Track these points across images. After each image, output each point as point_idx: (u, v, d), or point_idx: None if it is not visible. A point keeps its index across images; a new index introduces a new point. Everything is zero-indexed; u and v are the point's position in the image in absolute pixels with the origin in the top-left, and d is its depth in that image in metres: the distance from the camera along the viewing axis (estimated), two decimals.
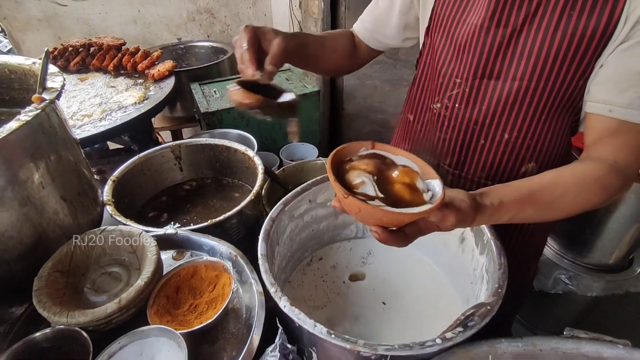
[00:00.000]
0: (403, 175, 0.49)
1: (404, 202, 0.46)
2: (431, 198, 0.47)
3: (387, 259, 0.85)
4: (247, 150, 0.98)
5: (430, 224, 0.48)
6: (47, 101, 0.60)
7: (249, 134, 1.31)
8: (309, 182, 0.77)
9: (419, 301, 0.76)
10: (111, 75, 1.56)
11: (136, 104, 1.31)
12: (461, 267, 0.74)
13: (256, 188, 0.85)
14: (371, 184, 0.47)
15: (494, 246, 0.62)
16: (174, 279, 0.61)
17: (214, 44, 2.09)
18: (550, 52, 0.61)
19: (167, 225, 0.89)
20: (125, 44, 1.62)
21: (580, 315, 1.69)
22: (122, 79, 1.53)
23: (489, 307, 0.52)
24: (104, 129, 1.14)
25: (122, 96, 1.36)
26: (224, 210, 0.80)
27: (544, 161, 0.75)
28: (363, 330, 0.72)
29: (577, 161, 0.63)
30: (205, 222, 0.76)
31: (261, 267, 0.59)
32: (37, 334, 0.51)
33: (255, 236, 0.65)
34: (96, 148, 1.37)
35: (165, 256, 0.70)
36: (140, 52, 1.56)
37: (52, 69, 0.70)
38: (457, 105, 0.75)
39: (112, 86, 1.44)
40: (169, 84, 1.47)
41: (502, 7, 0.63)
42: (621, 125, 0.60)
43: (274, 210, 0.70)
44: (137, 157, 0.96)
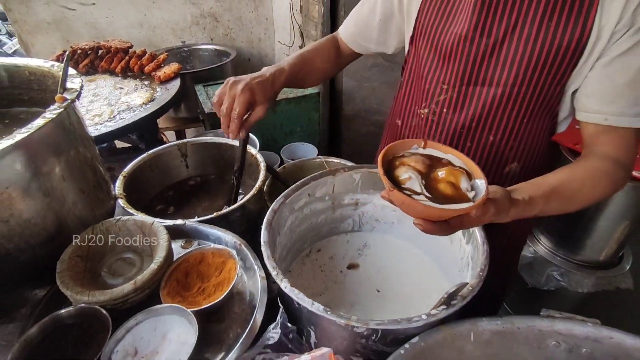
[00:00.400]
0: (448, 174, 0.52)
1: (447, 198, 0.50)
2: (474, 196, 0.51)
3: (382, 251, 0.90)
4: (250, 149, 1.03)
5: (472, 217, 0.52)
6: (69, 100, 0.65)
7: (251, 133, 1.36)
8: (308, 177, 0.82)
9: (411, 288, 0.81)
10: (119, 77, 1.61)
11: (144, 104, 1.36)
12: (450, 256, 0.79)
13: (258, 183, 0.90)
14: (417, 180, 0.51)
15: (478, 235, 0.67)
16: (184, 264, 0.67)
17: (217, 47, 2.16)
18: (530, 60, 0.66)
19: (173, 218, 0.94)
20: (132, 47, 1.68)
21: (572, 311, 1.72)
22: (130, 81, 1.58)
23: (470, 287, 0.57)
24: (113, 128, 1.19)
25: (130, 97, 1.42)
26: None
27: (526, 161, 0.81)
28: (358, 315, 0.75)
29: (583, 158, 0.69)
30: (211, 215, 0.81)
31: (264, 253, 0.64)
32: (62, 311, 0.56)
33: (257, 229, 0.69)
34: (104, 147, 1.43)
35: (175, 245, 0.75)
36: (147, 55, 1.62)
37: (71, 71, 0.76)
38: (444, 110, 0.79)
39: (120, 87, 1.50)
40: (175, 85, 1.53)
41: (485, 18, 0.67)
42: (616, 129, 0.66)
43: (275, 202, 0.75)
44: (145, 155, 1.01)
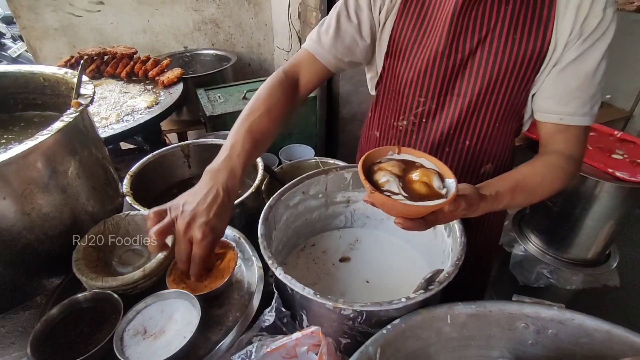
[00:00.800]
0: (422, 175, 0.58)
1: (422, 197, 0.55)
2: (446, 193, 0.57)
3: (372, 245, 0.96)
4: None
5: (445, 213, 0.57)
6: (83, 105, 0.71)
7: None
8: (303, 176, 0.88)
9: (398, 279, 0.87)
10: (123, 82, 1.68)
11: (148, 108, 1.43)
12: (434, 250, 0.85)
13: (256, 182, 0.97)
14: (395, 182, 0.56)
15: (457, 228, 0.74)
16: None
17: (218, 52, 2.23)
18: (500, 70, 0.73)
19: None
20: (137, 52, 1.75)
21: None
22: (134, 85, 1.65)
23: (446, 274, 0.63)
24: (120, 130, 1.26)
25: (135, 101, 1.48)
26: None
27: (498, 161, 0.87)
28: None
29: (541, 155, 0.77)
30: None
31: (260, 245, 0.70)
32: (79, 295, 0.62)
33: (255, 226, 0.74)
34: (110, 148, 1.49)
35: None
36: (150, 61, 1.69)
37: (84, 78, 0.82)
38: (424, 120, 0.84)
39: (125, 92, 1.57)
40: (178, 89, 1.60)
41: (458, 35, 0.73)
42: (569, 128, 0.74)
43: (272, 199, 0.81)
44: (150, 155, 1.08)
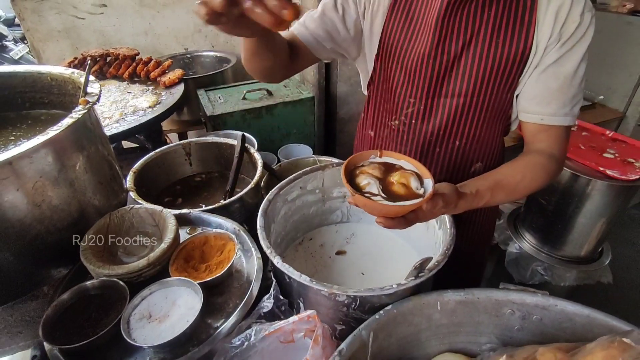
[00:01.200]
0: (400, 177, 0.61)
1: (401, 197, 0.59)
2: (424, 193, 0.60)
3: (367, 239, 1.00)
4: (249, 147, 1.13)
5: (424, 211, 0.59)
6: (91, 103, 0.75)
7: (250, 134, 1.46)
8: (300, 171, 0.92)
9: (392, 271, 0.91)
10: (126, 83, 1.72)
11: (150, 107, 1.46)
12: (426, 243, 0.88)
13: (256, 178, 1.00)
14: (375, 184, 0.60)
15: (447, 221, 0.77)
16: (189, 245, 0.76)
17: (218, 54, 2.26)
18: (485, 72, 0.76)
19: (180, 209, 1.04)
20: (139, 54, 1.79)
21: None
22: (136, 86, 1.69)
23: (436, 262, 0.67)
24: (123, 128, 1.29)
25: (137, 101, 1.52)
26: None
27: (487, 160, 0.91)
28: None
29: (524, 154, 0.80)
30: (213, 205, 0.91)
31: (259, 236, 0.74)
32: (88, 283, 0.66)
33: (254, 221, 0.78)
34: (113, 147, 1.52)
35: (181, 232, 0.84)
36: (152, 62, 1.72)
37: (91, 78, 0.86)
38: (413, 122, 0.87)
39: (128, 92, 1.60)
40: (179, 90, 1.63)
41: (444, 38, 0.76)
42: (550, 127, 0.78)
43: (270, 193, 0.85)
44: (153, 153, 1.11)
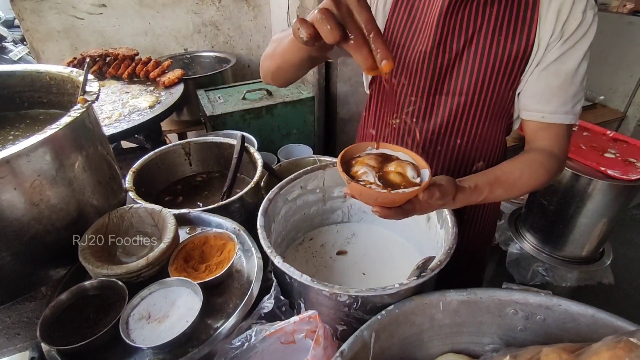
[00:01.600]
0: (397, 166, 0.61)
1: (397, 186, 0.58)
2: (421, 182, 0.59)
3: (368, 239, 0.99)
4: (249, 147, 1.12)
5: (421, 202, 0.59)
6: (90, 101, 0.74)
7: (249, 134, 1.45)
8: (301, 171, 0.91)
9: (393, 271, 0.90)
10: (125, 82, 1.71)
11: (150, 107, 1.46)
12: (428, 242, 0.88)
13: (256, 178, 0.99)
14: (371, 173, 0.59)
15: (449, 220, 0.76)
16: (189, 245, 0.75)
17: (218, 54, 2.26)
18: (487, 70, 0.76)
19: (180, 208, 1.03)
20: (138, 54, 1.78)
21: None
22: (136, 86, 1.68)
23: (438, 262, 0.66)
24: (123, 128, 1.29)
25: (136, 101, 1.51)
26: None
27: (489, 159, 0.90)
28: None
29: (524, 152, 0.80)
30: (213, 205, 0.90)
31: (260, 235, 0.73)
32: (86, 283, 0.65)
33: (254, 221, 0.77)
34: (112, 147, 1.52)
35: (181, 232, 0.83)
36: (152, 62, 1.72)
37: (89, 76, 0.85)
38: (414, 120, 0.87)
39: (127, 92, 1.60)
40: (178, 90, 1.63)
41: (445, 36, 0.75)
42: (551, 125, 0.77)
43: (271, 192, 0.84)
44: (152, 153, 1.11)
